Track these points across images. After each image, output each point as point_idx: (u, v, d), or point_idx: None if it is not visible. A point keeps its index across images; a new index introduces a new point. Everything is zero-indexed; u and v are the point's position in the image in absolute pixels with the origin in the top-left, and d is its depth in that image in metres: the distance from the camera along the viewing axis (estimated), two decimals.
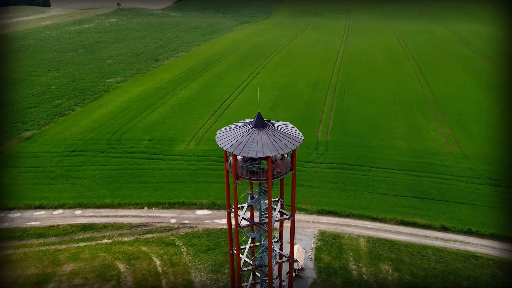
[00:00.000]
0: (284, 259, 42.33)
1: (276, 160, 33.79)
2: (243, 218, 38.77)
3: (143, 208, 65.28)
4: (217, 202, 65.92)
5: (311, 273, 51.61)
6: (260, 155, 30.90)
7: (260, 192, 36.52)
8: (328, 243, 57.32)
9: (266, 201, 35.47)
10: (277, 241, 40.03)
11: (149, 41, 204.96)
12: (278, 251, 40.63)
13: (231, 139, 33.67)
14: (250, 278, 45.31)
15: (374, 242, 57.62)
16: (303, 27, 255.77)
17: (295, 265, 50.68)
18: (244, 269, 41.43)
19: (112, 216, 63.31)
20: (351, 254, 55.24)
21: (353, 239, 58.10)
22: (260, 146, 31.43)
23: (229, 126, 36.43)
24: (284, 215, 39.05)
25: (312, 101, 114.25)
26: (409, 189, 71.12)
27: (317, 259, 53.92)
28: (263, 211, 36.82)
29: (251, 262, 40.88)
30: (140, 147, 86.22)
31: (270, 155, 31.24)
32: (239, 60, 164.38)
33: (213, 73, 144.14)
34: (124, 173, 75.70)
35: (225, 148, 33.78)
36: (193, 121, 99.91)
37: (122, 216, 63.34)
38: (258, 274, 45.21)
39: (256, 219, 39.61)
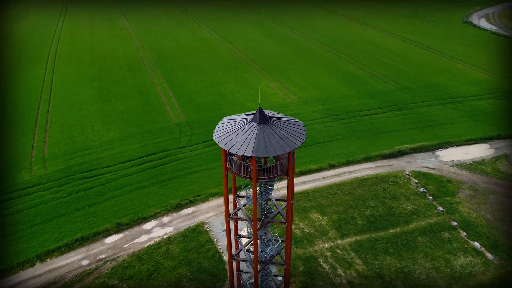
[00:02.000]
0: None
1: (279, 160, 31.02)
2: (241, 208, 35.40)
3: (34, 265, 50.23)
4: (123, 221, 56.67)
5: None
6: (241, 153, 27.87)
7: (261, 189, 33.75)
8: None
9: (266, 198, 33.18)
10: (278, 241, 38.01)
11: None
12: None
13: (226, 134, 29.64)
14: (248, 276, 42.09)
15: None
16: None
17: None
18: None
19: None
20: None
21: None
22: (246, 144, 28.41)
23: (230, 117, 32.26)
24: (281, 217, 36.71)
25: (141, 86, 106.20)
26: None
27: None
28: (263, 209, 34.57)
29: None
30: None
31: (250, 155, 27.94)
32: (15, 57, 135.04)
33: None
34: None
35: (214, 138, 29.90)
36: (16, 142, 79.27)
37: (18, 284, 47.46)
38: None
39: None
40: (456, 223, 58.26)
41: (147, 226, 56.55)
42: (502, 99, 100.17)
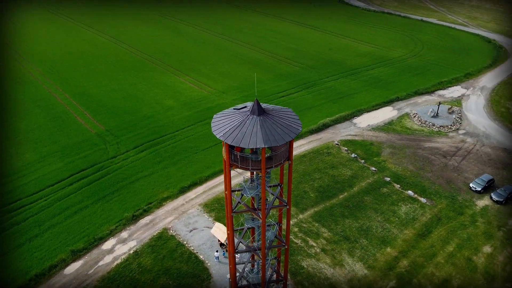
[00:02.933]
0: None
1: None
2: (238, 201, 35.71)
3: None
4: (78, 247, 51.80)
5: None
6: (252, 146, 28.89)
7: (256, 180, 34.31)
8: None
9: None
10: (274, 225, 38.88)
11: None
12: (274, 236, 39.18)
13: (230, 130, 29.78)
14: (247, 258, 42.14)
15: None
16: None
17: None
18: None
19: None
20: None
21: None
22: (254, 136, 29.20)
23: (225, 111, 31.78)
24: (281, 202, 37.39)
25: (38, 100, 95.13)
26: None
27: None
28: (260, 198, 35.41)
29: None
30: None
31: (262, 146, 28.90)
32: None
33: None
34: None
35: (217, 136, 29.96)
36: None
37: None
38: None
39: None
40: (389, 178, 66.28)
41: (107, 245, 52.67)
42: (388, 66, 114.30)
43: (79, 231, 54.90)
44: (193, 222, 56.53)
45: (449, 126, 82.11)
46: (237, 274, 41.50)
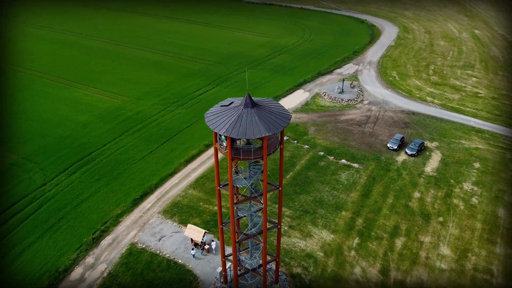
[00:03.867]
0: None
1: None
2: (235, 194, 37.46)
3: None
4: (42, 285, 47.43)
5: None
6: (258, 136, 31.55)
7: (250, 169, 36.30)
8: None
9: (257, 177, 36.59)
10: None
11: None
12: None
13: (231, 126, 31.48)
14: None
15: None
16: None
17: (204, 240, 51.38)
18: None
19: None
20: None
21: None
22: (256, 127, 31.47)
23: (215, 106, 32.84)
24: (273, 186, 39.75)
25: None
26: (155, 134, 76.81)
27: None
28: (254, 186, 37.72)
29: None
30: None
31: (266, 135, 31.46)
32: None
33: None
34: None
35: (220, 133, 31.59)
36: None
37: None
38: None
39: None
40: (322, 153, 73.37)
41: (75, 275, 49.18)
42: (287, 53, 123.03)
43: (36, 269, 50.08)
44: (159, 230, 55.76)
45: (355, 99, 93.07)
46: (228, 265, 43.31)
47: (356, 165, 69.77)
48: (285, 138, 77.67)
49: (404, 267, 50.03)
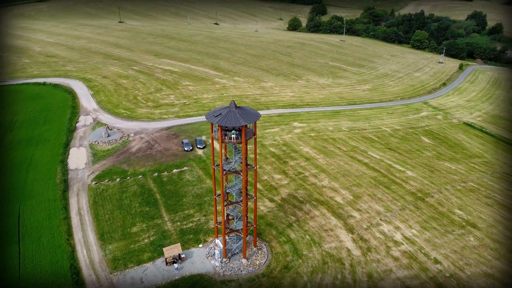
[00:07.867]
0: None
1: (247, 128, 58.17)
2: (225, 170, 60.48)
3: None
4: None
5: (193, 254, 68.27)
6: (238, 124, 57.35)
7: (234, 151, 58.73)
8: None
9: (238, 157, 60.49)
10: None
11: None
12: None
13: (217, 118, 55.85)
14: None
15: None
16: None
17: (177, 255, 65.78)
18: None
19: None
20: None
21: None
22: (239, 119, 56.25)
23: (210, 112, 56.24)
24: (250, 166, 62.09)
25: None
26: None
27: None
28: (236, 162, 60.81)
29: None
30: None
31: (244, 124, 57.43)
32: None
33: None
34: None
35: (214, 123, 56.21)
36: None
37: None
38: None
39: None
40: (156, 174, 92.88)
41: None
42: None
43: None
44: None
45: (124, 135, 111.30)
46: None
47: (185, 168, 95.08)
48: (117, 180, 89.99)
49: None
